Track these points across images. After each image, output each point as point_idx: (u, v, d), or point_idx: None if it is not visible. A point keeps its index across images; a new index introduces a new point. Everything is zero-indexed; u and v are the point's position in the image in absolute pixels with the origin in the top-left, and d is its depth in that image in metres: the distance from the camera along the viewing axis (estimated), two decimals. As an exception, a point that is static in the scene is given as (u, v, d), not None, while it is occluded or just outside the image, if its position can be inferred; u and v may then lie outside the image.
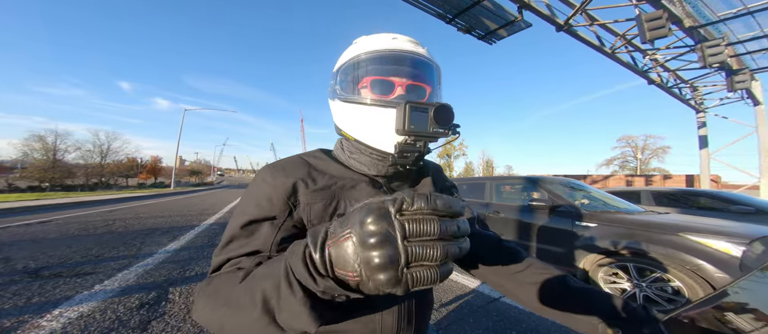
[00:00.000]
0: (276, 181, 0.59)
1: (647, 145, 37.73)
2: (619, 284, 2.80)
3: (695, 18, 7.59)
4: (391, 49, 0.64)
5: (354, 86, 0.66)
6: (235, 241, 0.55)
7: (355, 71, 0.65)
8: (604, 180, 22.75)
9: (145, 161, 46.32)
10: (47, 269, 3.24)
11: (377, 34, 0.69)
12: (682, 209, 5.38)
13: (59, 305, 2.39)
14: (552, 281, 0.64)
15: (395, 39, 0.66)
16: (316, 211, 0.59)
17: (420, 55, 0.65)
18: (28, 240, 4.62)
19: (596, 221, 3.04)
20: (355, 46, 0.68)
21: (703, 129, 12.86)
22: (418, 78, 0.66)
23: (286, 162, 0.65)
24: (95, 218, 7.09)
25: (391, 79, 0.64)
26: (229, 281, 0.47)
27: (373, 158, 0.65)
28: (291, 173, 0.61)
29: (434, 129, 0.56)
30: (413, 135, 0.56)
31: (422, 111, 0.55)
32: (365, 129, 0.63)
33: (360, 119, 0.63)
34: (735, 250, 2.25)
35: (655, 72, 10.89)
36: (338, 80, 0.68)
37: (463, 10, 7.77)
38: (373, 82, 0.64)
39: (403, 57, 0.64)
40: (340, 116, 0.68)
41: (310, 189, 0.60)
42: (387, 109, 0.59)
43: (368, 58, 0.64)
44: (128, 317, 2.22)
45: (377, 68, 0.64)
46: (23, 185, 27.34)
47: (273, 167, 0.63)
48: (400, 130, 0.56)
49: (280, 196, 0.57)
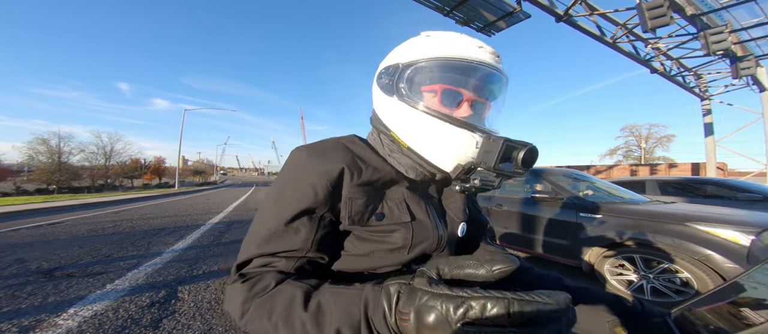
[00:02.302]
0: (321, 166, 0.54)
1: (651, 134, 37.40)
2: (625, 275, 2.80)
3: (697, 6, 7.50)
4: (477, 61, 0.57)
5: (420, 89, 0.59)
6: (273, 236, 0.51)
7: (428, 73, 0.58)
8: (608, 170, 22.60)
9: (149, 162, 46.60)
10: (60, 270, 3.30)
11: (456, 34, 0.61)
12: (689, 198, 5.35)
13: (74, 304, 2.44)
14: (549, 283, 0.65)
15: (481, 48, 0.59)
16: (358, 207, 0.55)
17: (500, 73, 0.60)
18: (40, 241, 4.70)
19: (601, 213, 3.03)
20: (431, 42, 0.60)
21: (709, 117, 12.73)
22: (488, 95, 0.62)
23: (328, 145, 0.60)
24: (103, 219, 7.17)
25: (463, 91, 0.59)
26: (284, 297, 0.43)
27: (414, 163, 0.61)
28: (336, 157, 0.56)
29: (516, 170, 0.53)
30: (498, 172, 0.53)
31: (512, 150, 0.52)
32: (426, 141, 0.58)
33: (422, 129, 0.58)
34: (744, 239, 2.23)
35: (657, 61, 10.77)
36: (405, 77, 0.59)
37: (462, 2, 7.71)
38: (445, 91, 0.58)
39: (485, 73, 0.59)
40: (393, 116, 0.62)
41: (355, 182, 0.55)
42: (458, 129, 0.55)
43: (449, 64, 0.57)
44: (140, 316, 2.26)
45: (454, 78, 0.58)
46: (31, 188, 27.66)
47: (313, 149, 0.57)
48: (487, 164, 0.52)
49: (325, 185, 0.53)
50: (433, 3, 7.95)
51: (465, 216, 0.69)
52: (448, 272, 0.34)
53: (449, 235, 0.64)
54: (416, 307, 0.31)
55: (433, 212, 0.63)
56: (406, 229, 0.57)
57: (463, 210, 0.69)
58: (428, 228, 0.60)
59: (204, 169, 74.76)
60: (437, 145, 0.57)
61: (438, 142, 0.57)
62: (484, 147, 0.53)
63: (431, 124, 0.56)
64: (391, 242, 0.57)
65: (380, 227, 0.56)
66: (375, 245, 0.57)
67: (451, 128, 0.55)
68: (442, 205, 0.69)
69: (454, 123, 0.55)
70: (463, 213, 0.69)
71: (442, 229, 0.62)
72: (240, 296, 0.45)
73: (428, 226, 0.60)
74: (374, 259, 0.57)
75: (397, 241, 0.57)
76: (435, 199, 0.67)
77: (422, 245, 0.58)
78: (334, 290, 0.42)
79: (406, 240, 0.57)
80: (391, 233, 0.57)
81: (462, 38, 0.60)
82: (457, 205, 0.69)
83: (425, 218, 0.60)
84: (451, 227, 0.66)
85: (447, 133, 0.56)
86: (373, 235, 0.57)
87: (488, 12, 8.12)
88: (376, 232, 0.57)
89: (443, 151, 0.57)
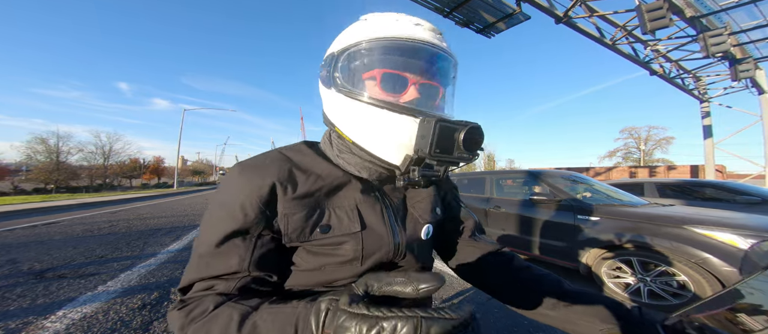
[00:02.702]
0: (250, 185, 0.50)
1: (650, 136, 37.42)
2: (623, 278, 2.78)
3: (696, 8, 7.50)
4: (414, 39, 0.53)
5: (358, 77, 0.55)
6: (206, 259, 0.48)
7: (363, 58, 0.54)
8: (607, 172, 22.62)
9: (148, 162, 46.58)
10: (52, 271, 3.27)
11: (394, 14, 0.57)
12: (687, 201, 5.34)
13: (63, 306, 2.41)
14: (548, 287, 0.61)
15: (418, 26, 0.55)
16: (295, 223, 0.51)
17: (444, 51, 0.56)
18: (34, 242, 4.67)
19: (599, 215, 3.02)
20: (366, 25, 0.56)
21: (708, 119, 12.73)
22: (435, 77, 0.57)
23: (264, 159, 0.56)
24: (100, 219, 7.14)
25: (406, 75, 0.54)
26: (221, 320, 0.41)
27: (365, 161, 0.57)
28: (267, 173, 0.52)
29: (460, 154, 0.50)
30: (437, 159, 0.50)
31: (451, 132, 0.48)
32: (368, 133, 0.54)
33: (363, 120, 0.54)
34: (742, 242, 2.21)
35: (657, 63, 10.78)
36: (339, 66, 0.56)
37: (461, 3, 7.70)
38: (384, 76, 0.54)
39: (426, 51, 0.54)
40: (336, 110, 0.58)
41: (289, 196, 0.51)
42: (400, 116, 0.51)
43: (383, 45, 0.53)
44: (130, 318, 2.23)
45: (392, 60, 0.53)
46: (29, 187, 27.62)
47: (246, 166, 0.53)
48: (423, 151, 0.49)
49: (255, 204, 0.49)
50: (432, 4, 7.94)
51: (433, 216, 0.64)
52: (377, 288, 0.33)
53: (410, 239, 0.59)
54: (335, 326, 0.30)
55: (391, 217, 0.58)
56: (356, 240, 0.53)
57: (431, 210, 0.64)
58: (382, 236, 0.55)
59: (203, 169, 74.68)
60: (379, 136, 0.53)
61: (380, 132, 0.53)
62: (420, 131, 0.49)
63: (370, 114, 0.52)
64: (341, 254, 0.53)
65: (327, 240, 0.52)
66: (325, 259, 0.53)
67: (391, 115, 0.51)
68: (407, 205, 0.63)
69: (393, 109, 0.51)
70: (430, 213, 0.64)
71: (401, 234, 0.58)
72: (178, 323, 0.43)
73: (382, 233, 0.55)
74: (327, 273, 0.53)
75: (348, 253, 0.53)
76: (397, 200, 0.62)
77: (376, 255, 0.54)
78: (271, 309, 0.40)
79: (357, 251, 0.53)
80: (340, 245, 0.53)
81: (399, 17, 0.56)
82: (424, 204, 0.64)
83: (379, 225, 0.56)
84: (413, 230, 0.60)
85: (387, 121, 0.51)
86: (322, 248, 0.53)
87: (488, 13, 8.11)
88: (324, 245, 0.53)
89: (386, 142, 0.53)
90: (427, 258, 0.66)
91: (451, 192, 0.77)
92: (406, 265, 0.59)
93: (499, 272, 0.67)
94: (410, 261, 0.59)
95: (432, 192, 0.67)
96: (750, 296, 0.63)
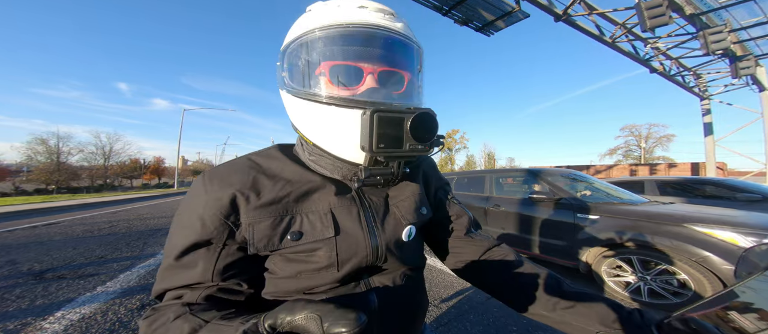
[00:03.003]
0: (209, 195, 0.48)
1: (651, 133, 37.36)
2: (623, 277, 2.77)
3: (696, 5, 7.47)
4: (359, 23, 0.48)
5: (308, 73, 0.51)
6: (170, 271, 0.48)
7: (309, 53, 0.50)
8: (608, 170, 22.60)
9: (148, 162, 46.62)
10: (51, 271, 3.27)
11: (338, 1, 0.52)
12: (688, 199, 5.32)
13: (62, 307, 2.40)
14: (546, 287, 0.59)
15: (363, 8, 0.50)
16: (261, 232, 0.48)
17: (397, 33, 0.51)
18: (34, 242, 4.67)
19: (599, 213, 3.01)
20: (309, 15, 0.52)
21: (708, 116, 12.71)
22: (393, 63, 0.52)
23: (227, 167, 0.53)
24: (100, 220, 7.14)
25: (359, 64, 0.50)
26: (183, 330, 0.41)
27: (335, 162, 0.55)
28: (229, 182, 0.49)
29: (412, 146, 0.46)
30: (383, 154, 0.46)
31: (395, 121, 0.44)
32: (326, 133, 0.51)
33: (318, 120, 0.51)
34: (743, 241, 2.20)
35: (657, 60, 10.76)
36: (286, 65, 0.53)
37: (460, 2, 7.68)
38: (333, 68, 0.49)
39: (375, 35, 0.50)
40: (292, 112, 0.55)
41: (253, 205, 0.49)
42: (352, 111, 0.47)
43: (326, 35, 0.48)
44: (129, 319, 2.23)
45: (340, 50, 0.49)
46: (30, 188, 27.66)
47: (209, 175, 0.51)
48: (366, 147, 0.45)
49: (214, 215, 0.47)
50: (431, 2, 7.92)
51: (418, 216, 0.61)
52: (288, 323, 0.31)
53: (390, 242, 0.55)
54: None
55: (369, 219, 0.55)
56: (329, 246, 0.50)
57: (415, 209, 0.61)
58: (359, 240, 0.52)
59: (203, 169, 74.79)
60: (335, 135, 0.50)
61: (335, 130, 0.50)
62: (362, 125, 0.45)
63: (321, 112, 0.49)
64: (315, 261, 0.51)
65: (299, 247, 0.50)
66: (300, 266, 0.51)
67: (341, 111, 0.47)
68: (389, 205, 0.59)
69: (341, 104, 0.47)
70: (413, 213, 0.60)
71: (380, 237, 0.54)
72: (141, 331, 0.44)
73: (358, 237, 0.52)
74: (303, 280, 0.51)
75: (322, 260, 0.50)
76: (378, 200, 0.58)
77: (353, 261, 0.52)
78: (214, 327, 0.39)
79: (331, 258, 0.50)
80: (313, 251, 0.50)
81: (340, 2, 0.51)
82: (407, 203, 0.60)
83: (355, 229, 0.53)
84: (393, 232, 0.56)
85: (338, 118, 0.48)
86: (296, 255, 0.51)
87: (487, 11, 8.09)
88: (297, 252, 0.50)
89: (341, 139, 0.49)
90: (414, 259, 0.62)
91: (442, 189, 0.73)
92: (390, 267, 0.57)
93: (496, 269, 0.64)
94: (393, 264, 0.57)
95: (417, 190, 0.63)
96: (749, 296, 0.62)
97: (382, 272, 0.57)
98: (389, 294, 0.55)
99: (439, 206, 0.71)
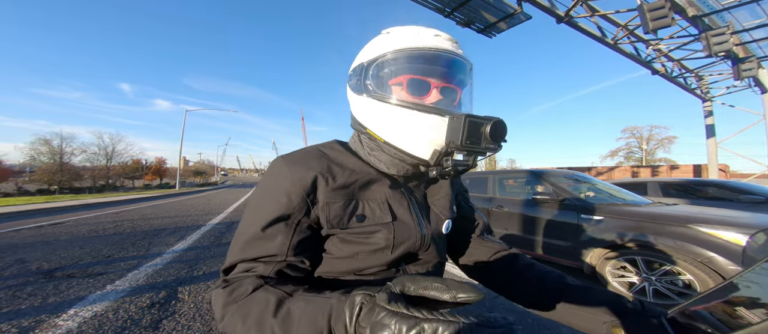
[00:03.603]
0: (294, 175, 0.56)
1: (653, 135, 37.27)
2: (627, 277, 2.79)
3: (698, 7, 7.48)
4: (434, 48, 0.59)
5: (386, 83, 0.61)
6: (250, 242, 0.53)
7: (392, 67, 0.60)
8: (610, 172, 22.57)
9: (150, 163, 46.71)
10: (60, 270, 3.30)
11: (414, 27, 0.63)
12: (691, 200, 5.33)
13: (74, 305, 2.44)
14: (552, 283, 0.63)
15: (438, 36, 0.61)
16: (335, 211, 0.56)
17: (461, 58, 0.62)
18: (41, 242, 4.71)
19: (602, 214, 3.03)
20: (390, 38, 0.62)
21: (710, 118, 12.70)
22: (454, 81, 0.62)
23: (304, 154, 0.61)
24: (104, 220, 7.18)
25: (429, 79, 0.60)
26: (259, 303, 0.44)
27: (395, 158, 0.62)
28: (310, 165, 0.57)
29: (487, 145, 0.54)
30: (468, 150, 0.54)
31: (478, 125, 0.53)
32: (399, 132, 0.59)
33: (394, 121, 0.59)
34: (746, 241, 2.22)
35: (659, 62, 10.76)
36: (370, 74, 0.62)
37: (462, 3, 7.72)
38: (410, 81, 0.59)
39: (445, 58, 0.60)
40: (367, 114, 0.63)
41: (330, 186, 0.57)
42: (428, 115, 0.56)
43: (409, 55, 0.59)
44: (140, 316, 2.26)
45: (416, 67, 0.59)
46: (33, 188, 27.73)
47: (290, 158, 0.59)
48: (455, 143, 0.53)
49: (299, 192, 0.55)
50: (433, 4, 7.96)
51: (451, 213, 0.70)
52: (414, 290, 0.34)
53: (433, 232, 0.64)
54: (372, 322, 0.31)
55: (417, 211, 0.64)
56: (388, 229, 0.58)
57: (449, 207, 0.70)
58: (411, 227, 0.60)
59: (205, 169, 74.85)
60: (410, 134, 0.58)
61: (410, 130, 0.58)
62: (450, 126, 0.54)
63: (401, 115, 0.58)
64: (373, 243, 0.58)
65: (362, 229, 0.57)
66: (358, 247, 0.57)
67: (420, 115, 0.56)
68: (428, 202, 0.69)
69: (421, 109, 0.56)
70: (448, 210, 0.69)
71: (426, 227, 0.63)
72: (220, 301, 0.47)
73: (411, 225, 0.61)
74: (358, 260, 0.58)
75: (380, 241, 0.57)
76: (419, 197, 0.68)
77: (405, 245, 0.59)
78: (306, 297, 0.43)
79: (389, 240, 0.58)
80: (373, 234, 0.58)
81: (419, 30, 0.62)
82: (443, 202, 0.69)
83: (408, 217, 0.61)
84: (436, 225, 0.66)
85: (416, 120, 0.57)
86: (356, 237, 0.57)
87: (489, 13, 8.13)
88: (358, 234, 0.57)
89: (416, 138, 0.58)
90: (444, 253, 0.70)
91: (462, 194, 0.82)
92: (428, 257, 0.64)
93: (505, 270, 0.71)
94: (432, 253, 0.64)
95: (449, 191, 0.72)
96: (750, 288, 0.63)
97: (418, 262, 0.64)
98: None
99: (459, 208, 0.79)
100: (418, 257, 0.63)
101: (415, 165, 0.62)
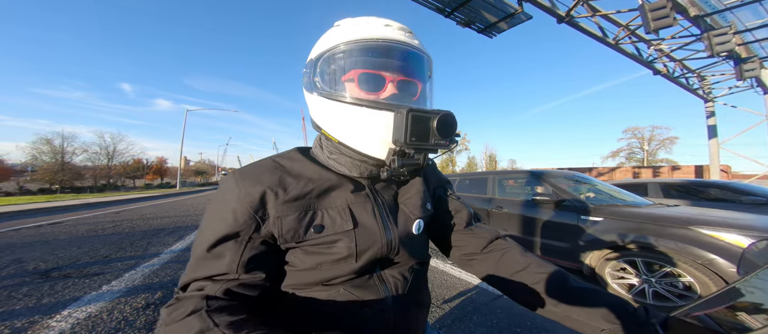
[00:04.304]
0: (241, 191, 0.53)
1: (654, 136, 37.17)
2: (627, 279, 2.76)
3: (700, 7, 7.44)
4: (384, 39, 0.56)
5: (337, 79, 0.58)
6: (199, 262, 0.51)
7: (340, 62, 0.57)
8: (610, 172, 22.50)
9: (151, 162, 46.85)
10: (57, 270, 3.29)
11: (365, 18, 0.60)
12: (692, 201, 5.29)
13: (68, 305, 2.42)
14: (551, 281, 0.59)
15: (388, 26, 0.58)
16: (289, 224, 0.53)
17: (415, 48, 0.59)
18: (39, 242, 4.70)
19: (603, 215, 3.00)
20: (339, 30, 0.60)
21: (712, 119, 12.64)
22: (410, 73, 0.59)
23: (256, 167, 0.58)
24: (104, 219, 7.18)
25: (383, 73, 0.57)
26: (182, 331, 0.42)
27: (355, 160, 0.60)
28: (261, 180, 0.54)
29: (436, 141, 0.52)
30: (414, 147, 0.52)
31: (424, 120, 0.51)
32: (352, 132, 0.57)
33: (346, 120, 0.57)
34: (747, 243, 2.18)
35: (660, 62, 10.71)
36: (318, 71, 0.59)
37: (463, 3, 7.69)
38: (361, 76, 0.56)
39: (397, 49, 0.57)
40: (320, 113, 0.61)
41: (281, 200, 0.53)
42: (380, 112, 0.54)
43: (357, 47, 0.56)
44: (134, 317, 2.24)
45: (367, 60, 0.56)
46: (34, 188, 27.85)
47: (240, 173, 0.56)
48: (399, 141, 0.51)
49: (245, 209, 0.52)
50: (433, 4, 7.93)
51: (423, 211, 0.66)
52: None
53: (402, 234, 0.61)
54: None
55: (383, 214, 0.61)
56: (349, 237, 0.56)
57: (421, 205, 0.66)
58: (375, 232, 0.58)
59: (205, 169, 75.05)
60: (363, 133, 0.56)
61: (362, 129, 0.56)
62: (395, 123, 0.52)
63: (352, 113, 0.56)
64: (335, 252, 0.55)
65: (321, 240, 0.55)
66: (320, 257, 0.55)
67: (371, 112, 0.54)
68: (398, 203, 0.66)
69: (371, 106, 0.54)
70: (420, 209, 0.66)
71: (393, 230, 0.60)
72: (161, 318, 0.46)
73: (375, 230, 0.58)
74: (323, 271, 0.56)
75: (342, 250, 0.55)
76: (388, 198, 0.65)
77: (370, 251, 0.57)
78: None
79: (351, 249, 0.55)
80: (334, 243, 0.55)
81: (369, 20, 0.59)
82: (413, 200, 0.66)
83: (371, 222, 0.58)
84: (404, 226, 0.63)
85: (368, 118, 0.54)
86: (316, 248, 0.55)
87: (489, 13, 8.09)
88: (318, 245, 0.55)
89: (369, 138, 0.56)
90: (422, 253, 0.67)
91: (442, 187, 0.78)
92: (403, 259, 0.62)
93: (499, 263, 0.67)
94: (404, 256, 0.62)
95: (421, 188, 0.68)
96: (752, 293, 0.62)
97: (393, 265, 0.62)
98: (398, 285, 0.61)
99: (439, 202, 0.76)
100: (393, 260, 0.61)
101: (377, 166, 0.60)
